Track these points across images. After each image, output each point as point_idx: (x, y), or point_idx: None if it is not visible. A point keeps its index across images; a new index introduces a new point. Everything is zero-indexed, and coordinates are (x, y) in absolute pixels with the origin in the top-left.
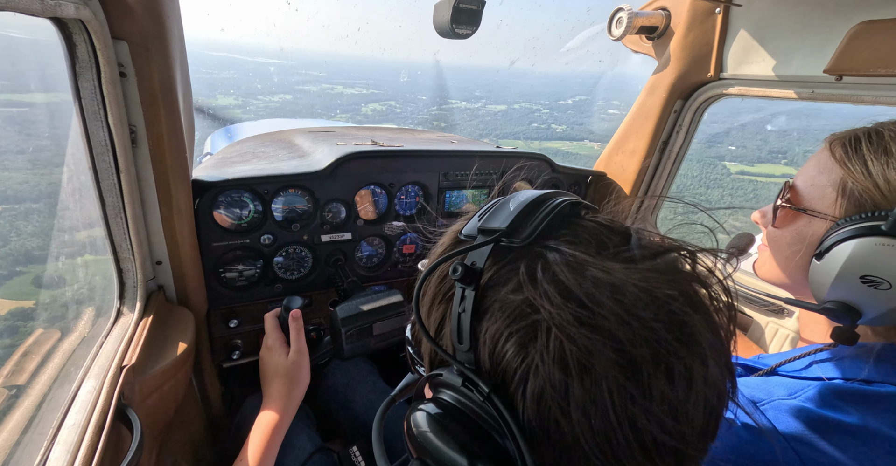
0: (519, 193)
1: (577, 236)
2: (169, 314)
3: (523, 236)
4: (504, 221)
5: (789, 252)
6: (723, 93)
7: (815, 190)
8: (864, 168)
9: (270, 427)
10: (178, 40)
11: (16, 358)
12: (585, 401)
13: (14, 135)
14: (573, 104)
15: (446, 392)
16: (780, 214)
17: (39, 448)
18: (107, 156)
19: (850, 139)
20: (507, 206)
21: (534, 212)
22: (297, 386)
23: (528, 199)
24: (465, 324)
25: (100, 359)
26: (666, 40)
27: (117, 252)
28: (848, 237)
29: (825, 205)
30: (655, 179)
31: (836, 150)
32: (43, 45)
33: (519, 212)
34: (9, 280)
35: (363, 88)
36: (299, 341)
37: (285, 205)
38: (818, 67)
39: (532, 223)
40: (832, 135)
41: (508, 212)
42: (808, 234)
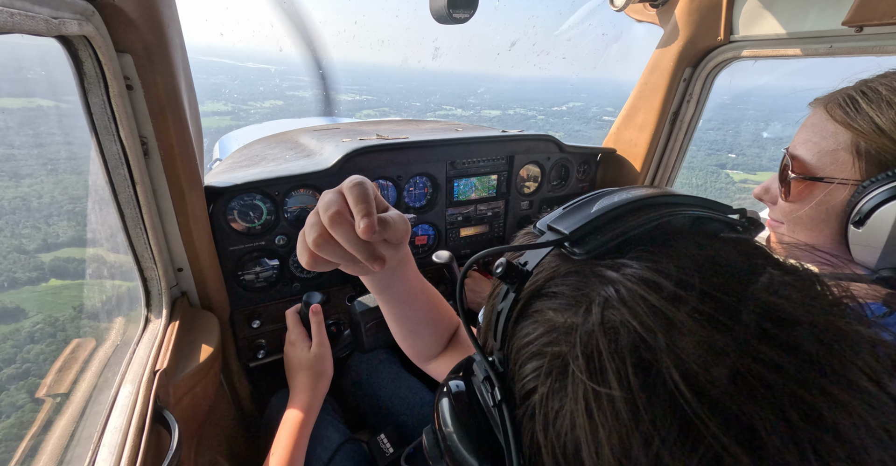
0: (631, 190)
1: (648, 264)
2: (194, 318)
3: (585, 249)
4: (573, 224)
5: (814, 224)
6: (734, 56)
7: (824, 156)
8: (874, 125)
9: (298, 419)
10: (179, 49)
11: (57, 368)
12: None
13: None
14: (567, 110)
15: (473, 378)
16: (794, 187)
17: (87, 452)
18: (122, 168)
19: (845, 100)
20: (591, 205)
21: (616, 221)
22: (321, 378)
23: (624, 202)
24: (500, 325)
25: (134, 365)
26: (671, 6)
27: (140, 261)
28: (889, 198)
29: (842, 169)
30: (667, 152)
31: (836, 113)
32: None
33: (597, 217)
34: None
35: (356, 94)
36: (321, 334)
37: (296, 205)
38: (836, 20)
39: (608, 233)
40: (817, 99)
41: (587, 213)
42: (831, 203)
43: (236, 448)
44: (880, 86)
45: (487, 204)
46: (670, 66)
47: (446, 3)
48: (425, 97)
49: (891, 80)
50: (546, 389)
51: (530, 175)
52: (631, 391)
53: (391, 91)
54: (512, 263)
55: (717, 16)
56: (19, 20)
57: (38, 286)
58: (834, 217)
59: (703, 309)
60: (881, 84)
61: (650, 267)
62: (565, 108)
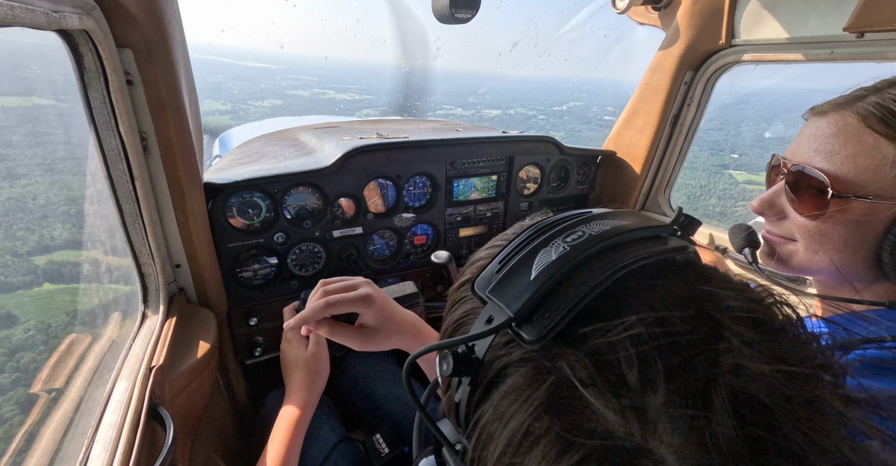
0: (565, 233)
1: (613, 345)
2: (191, 315)
3: (536, 336)
4: (515, 299)
5: (846, 244)
6: (735, 60)
7: (864, 171)
8: None
9: (294, 417)
10: (180, 45)
11: (52, 362)
12: None
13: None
14: (568, 110)
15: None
16: (830, 205)
17: (81, 447)
18: (120, 164)
19: (879, 109)
20: (529, 267)
21: (564, 284)
22: (317, 376)
23: (564, 261)
24: (461, 415)
25: (129, 361)
26: (673, 9)
27: (138, 257)
28: None
29: (889, 186)
30: (667, 155)
31: (874, 124)
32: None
33: (539, 287)
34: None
35: (356, 94)
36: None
37: (296, 202)
38: (837, 26)
39: (555, 312)
40: (819, 107)
41: (526, 282)
42: (871, 222)
43: (232, 446)
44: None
45: (487, 204)
46: (671, 69)
47: (448, 2)
48: (426, 97)
49: None
50: None
51: (530, 176)
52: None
53: (391, 90)
54: (459, 357)
55: (718, 20)
56: (20, 13)
57: (31, 290)
58: (872, 237)
59: (675, 401)
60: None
61: (605, 357)
62: (565, 108)
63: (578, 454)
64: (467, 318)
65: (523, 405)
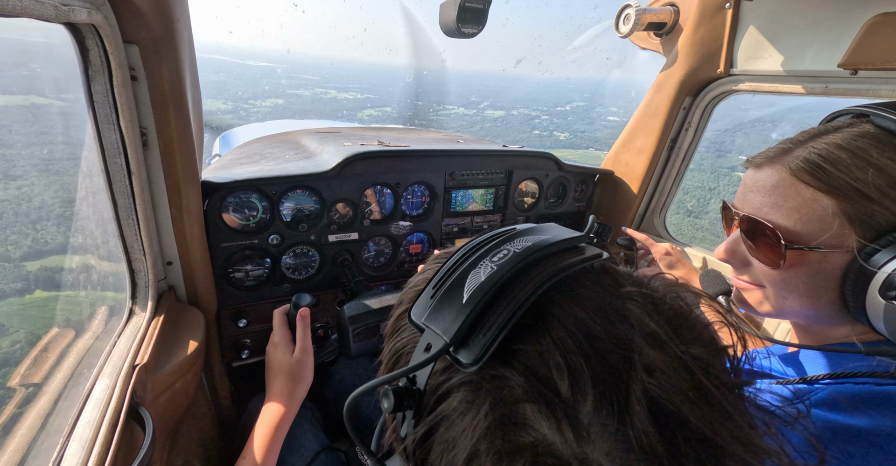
0: (491, 253)
1: (543, 357)
2: (180, 314)
3: (473, 358)
4: (451, 323)
5: (809, 290)
6: (733, 89)
7: (810, 223)
8: (857, 192)
9: (273, 423)
10: (187, 43)
11: (32, 356)
12: None
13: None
14: (571, 110)
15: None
16: (787, 256)
17: (55, 446)
18: (119, 158)
19: (806, 164)
20: (460, 291)
21: (495, 305)
22: (299, 384)
23: (492, 281)
24: (409, 448)
25: (113, 358)
26: (674, 37)
27: (129, 252)
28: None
29: (836, 236)
30: (664, 178)
31: (805, 178)
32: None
33: (471, 310)
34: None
35: (357, 93)
36: (305, 339)
37: (293, 205)
38: (832, 62)
39: (488, 333)
40: (751, 159)
41: (459, 305)
42: (827, 270)
43: (211, 449)
44: (839, 152)
45: (484, 216)
46: (671, 94)
47: (456, 17)
48: (427, 96)
49: (847, 141)
50: None
51: (528, 191)
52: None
53: (393, 90)
54: (400, 391)
55: (718, 49)
56: (28, 5)
57: (23, 298)
58: (832, 283)
59: (602, 407)
60: (832, 145)
61: (538, 371)
62: (569, 108)
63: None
64: (406, 348)
65: (466, 430)
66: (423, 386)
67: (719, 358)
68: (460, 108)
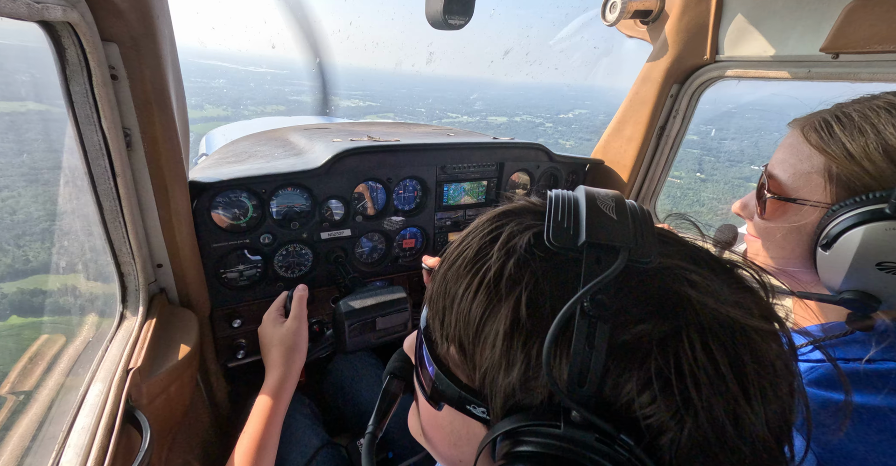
0: (597, 196)
1: (674, 253)
2: (172, 316)
3: (646, 257)
4: (620, 233)
5: (785, 242)
6: (719, 75)
7: (799, 178)
8: (846, 152)
9: (272, 394)
10: (168, 41)
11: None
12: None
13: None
14: (574, 118)
15: (562, 449)
16: (769, 206)
17: (51, 452)
18: (102, 160)
19: (820, 124)
20: (601, 210)
21: (638, 223)
22: (294, 352)
23: (617, 201)
24: (597, 365)
25: (106, 363)
26: (661, 24)
27: (117, 256)
28: (854, 224)
29: (814, 192)
30: (654, 165)
31: (811, 136)
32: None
33: (630, 220)
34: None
35: (360, 100)
36: (299, 307)
37: (283, 203)
38: (814, 46)
39: (648, 238)
40: (796, 120)
41: (610, 219)
42: (802, 223)
43: (211, 452)
44: (854, 112)
45: (476, 209)
46: (658, 82)
47: (442, 8)
48: (429, 103)
49: (864, 107)
50: (695, 404)
51: (520, 182)
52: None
53: (394, 97)
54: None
55: (703, 36)
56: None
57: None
58: (804, 237)
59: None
60: (855, 110)
61: (687, 253)
62: (572, 116)
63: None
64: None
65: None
66: (610, 291)
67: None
68: (464, 116)
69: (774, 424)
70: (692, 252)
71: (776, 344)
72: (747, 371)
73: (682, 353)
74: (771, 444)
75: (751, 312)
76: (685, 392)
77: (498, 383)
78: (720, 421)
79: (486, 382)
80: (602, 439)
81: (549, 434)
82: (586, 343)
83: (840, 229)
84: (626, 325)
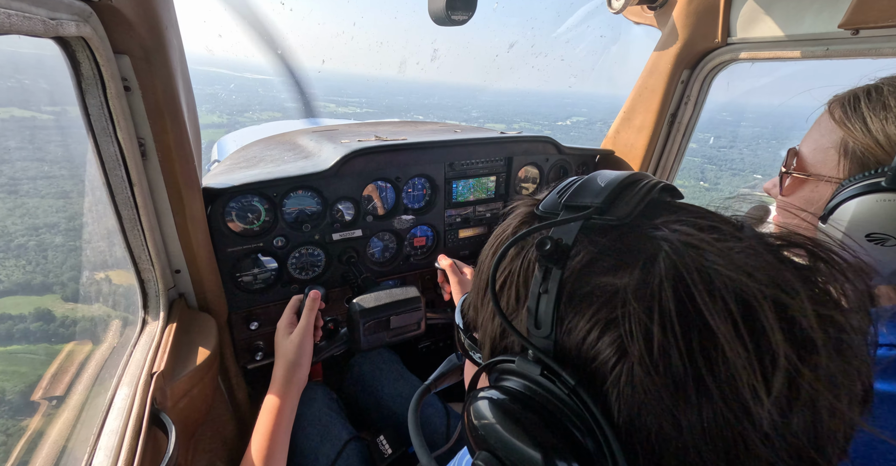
0: (600, 172)
1: (682, 219)
2: (191, 320)
3: (622, 214)
4: (596, 197)
5: (799, 219)
6: (732, 58)
7: (818, 154)
8: (864, 126)
9: (272, 411)
10: (177, 50)
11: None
12: (701, 403)
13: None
14: (572, 125)
15: (516, 381)
16: (787, 182)
17: (83, 455)
18: (119, 170)
19: (849, 99)
20: (595, 182)
21: (628, 189)
22: (296, 368)
23: (619, 177)
24: (548, 308)
25: (130, 367)
26: (668, 8)
27: (137, 263)
28: (850, 196)
29: (829, 167)
30: (665, 154)
31: (836, 112)
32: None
33: (613, 188)
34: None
35: (357, 107)
36: (307, 319)
37: (295, 206)
38: (832, 23)
39: (631, 200)
40: (834, 96)
41: (598, 187)
42: (815, 199)
43: (234, 451)
44: (885, 87)
45: (486, 205)
46: (668, 68)
47: (445, 4)
48: (427, 110)
49: (889, 78)
50: (639, 349)
51: (528, 176)
52: (735, 324)
53: (393, 105)
54: (557, 241)
55: (714, 18)
56: (17, 21)
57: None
58: (816, 214)
59: (755, 246)
60: (888, 84)
61: (677, 221)
62: (569, 123)
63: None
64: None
65: (620, 272)
66: (570, 242)
67: None
68: (462, 123)
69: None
70: (712, 223)
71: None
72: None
73: (640, 301)
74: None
75: (756, 279)
76: (627, 336)
77: (487, 330)
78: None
79: (482, 332)
80: (546, 374)
81: (509, 370)
82: (540, 287)
83: (837, 202)
84: (589, 276)
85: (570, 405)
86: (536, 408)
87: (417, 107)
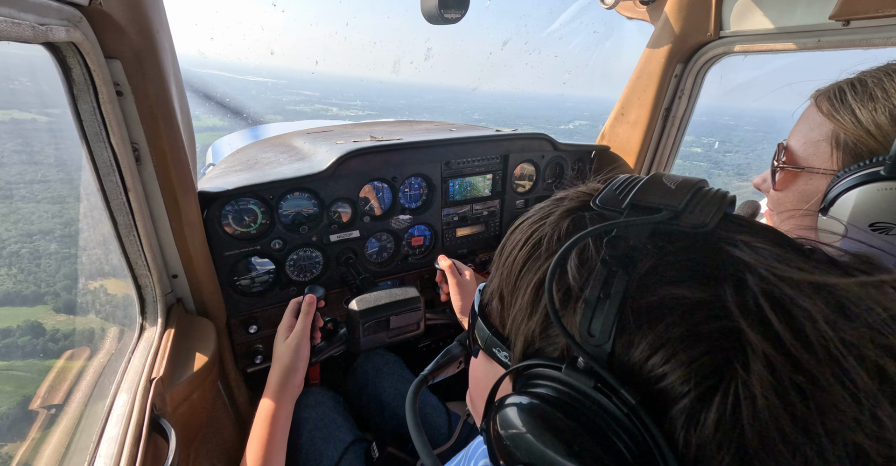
0: (661, 174)
1: (757, 241)
2: (190, 325)
3: (696, 222)
4: (667, 199)
5: (795, 213)
6: (725, 51)
7: (809, 147)
8: (853, 117)
9: (266, 417)
10: (169, 54)
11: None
12: (798, 433)
13: None
14: (575, 129)
15: (557, 389)
16: (780, 176)
17: (83, 463)
18: (113, 175)
19: (834, 91)
20: (662, 183)
21: (698, 195)
22: (292, 373)
23: (689, 180)
24: (608, 314)
25: (129, 374)
26: (661, 3)
27: (134, 269)
28: (850, 187)
29: (822, 160)
30: (661, 148)
31: (823, 105)
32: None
33: (692, 192)
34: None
35: (359, 110)
36: (303, 323)
37: (291, 208)
38: (823, 14)
39: (706, 208)
40: (817, 90)
41: (667, 188)
42: (810, 192)
43: (235, 456)
44: (869, 79)
45: (483, 203)
46: (661, 63)
47: (437, 3)
48: (428, 113)
49: (880, 72)
50: (712, 381)
51: (525, 174)
52: (829, 353)
53: (394, 108)
54: (628, 241)
55: (706, 12)
56: (5, 27)
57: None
58: (813, 206)
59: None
60: (870, 76)
61: (753, 236)
62: (572, 126)
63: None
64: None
65: (696, 286)
66: (639, 244)
67: None
68: (457, 122)
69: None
70: (779, 242)
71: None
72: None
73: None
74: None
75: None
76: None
77: (521, 328)
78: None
79: (513, 328)
80: (601, 388)
81: (549, 376)
82: (601, 290)
83: (836, 193)
84: (655, 286)
85: (627, 426)
86: (590, 426)
87: (418, 109)
